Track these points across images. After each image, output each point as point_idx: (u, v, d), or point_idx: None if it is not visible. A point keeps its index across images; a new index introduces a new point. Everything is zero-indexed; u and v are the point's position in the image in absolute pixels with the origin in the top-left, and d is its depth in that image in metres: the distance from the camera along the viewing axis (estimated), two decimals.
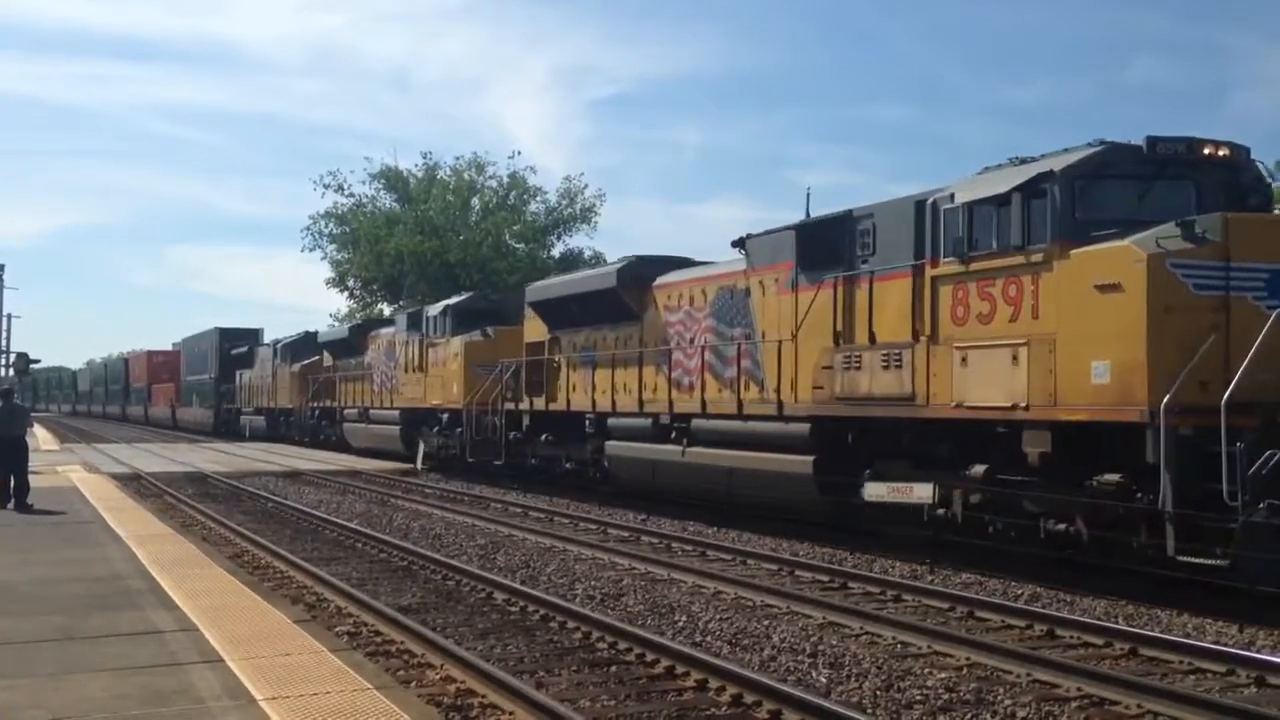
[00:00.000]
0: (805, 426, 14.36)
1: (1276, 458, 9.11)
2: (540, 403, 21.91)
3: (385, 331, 31.98)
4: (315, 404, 37.76)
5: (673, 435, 17.35)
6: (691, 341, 17.46)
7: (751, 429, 15.51)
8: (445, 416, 26.33)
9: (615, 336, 19.84)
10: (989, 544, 12.19)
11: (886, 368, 12.90)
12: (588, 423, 20.15)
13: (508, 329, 24.56)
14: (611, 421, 19.32)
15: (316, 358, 38.50)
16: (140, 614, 8.33)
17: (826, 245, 14.27)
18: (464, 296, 28.28)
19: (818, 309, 14.20)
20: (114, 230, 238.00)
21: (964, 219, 11.95)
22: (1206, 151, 11.26)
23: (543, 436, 22.03)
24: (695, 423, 16.89)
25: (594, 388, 20.10)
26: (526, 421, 22.55)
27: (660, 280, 18.76)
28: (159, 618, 8.18)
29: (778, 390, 14.95)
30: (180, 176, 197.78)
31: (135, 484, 23.13)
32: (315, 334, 41.01)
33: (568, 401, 21.03)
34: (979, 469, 11.89)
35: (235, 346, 50.05)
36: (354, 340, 34.40)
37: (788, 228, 15.24)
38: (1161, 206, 10.88)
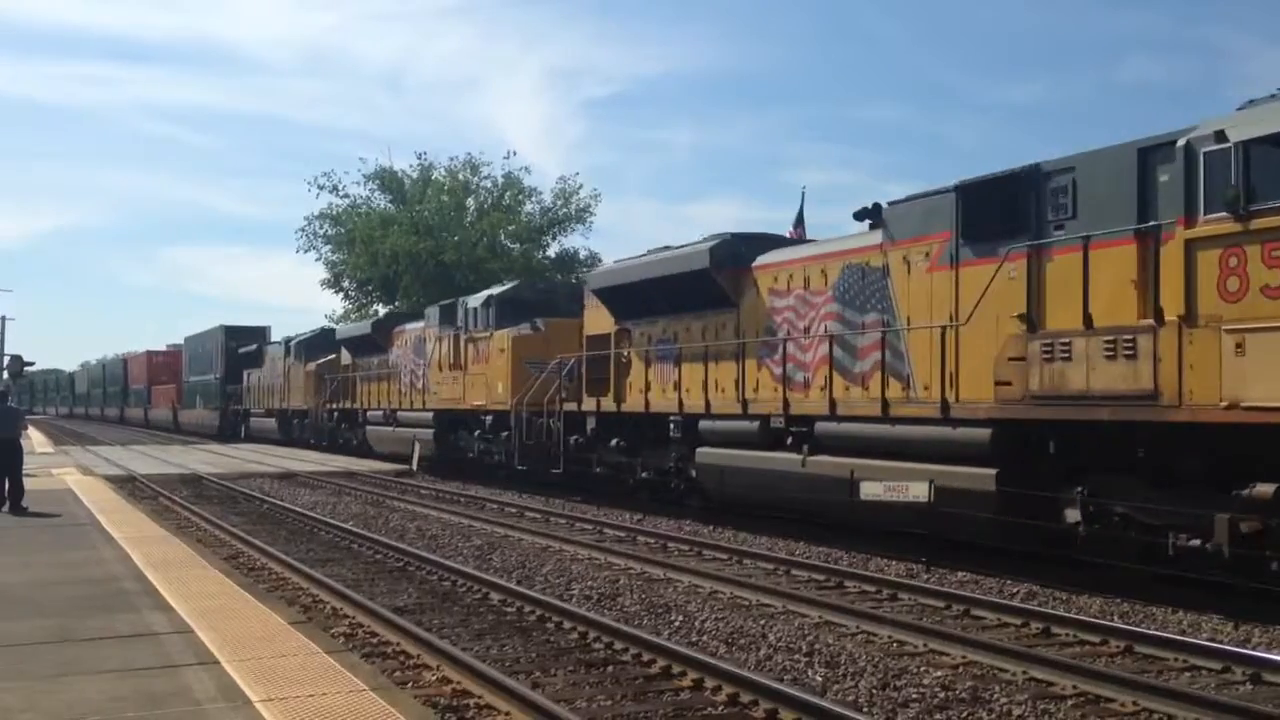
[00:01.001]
0: (984, 432, 11.79)
1: None
2: (609, 404, 19.43)
3: (412, 326, 29.50)
4: (333, 405, 35.13)
5: (789, 441, 14.78)
6: (807, 330, 15.03)
7: (902, 434, 12.89)
8: (489, 419, 23.85)
9: (704, 326, 17.29)
10: (985, 544, 12.21)
11: (1112, 357, 10.28)
12: (672, 426, 17.47)
13: (559, 321, 22.35)
14: (704, 425, 16.62)
15: (333, 356, 35.93)
16: (136, 616, 8.32)
17: (1003, 209, 11.86)
18: (508, 285, 25.64)
19: (997, 287, 11.67)
20: (109, 231, 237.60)
21: (1239, 163, 9.37)
22: None
23: (613, 442, 19.37)
24: (821, 426, 14.21)
25: (680, 386, 17.47)
26: (592, 425, 19.93)
27: (763, 260, 16.22)
28: (154, 620, 8.17)
29: (940, 387, 12.42)
30: (175, 177, 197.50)
31: (130, 486, 23.09)
32: (332, 330, 38.80)
33: (645, 402, 18.34)
34: (1264, 489, 9.17)
35: (242, 345, 47.63)
36: (377, 336, 31.68)
37: (943, 190, 12.79)
38: None
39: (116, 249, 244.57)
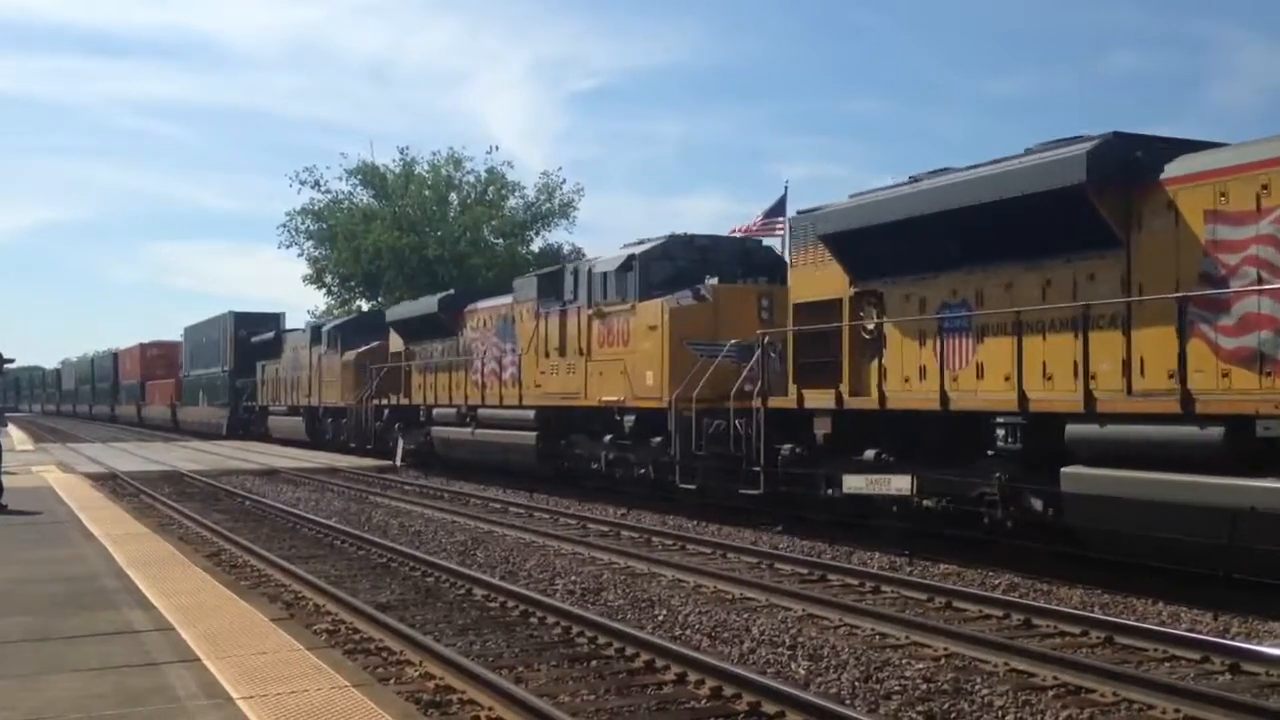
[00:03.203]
0: None
1: None
2: (858, 399, 13.60)
3: (489, 304, 24.39)
4: (381, 401, 29.29)
5: None
6: None
7: None
8: (630, 420, 18.23)
9: (1045, 279, 11.53)
10: (967, 535, 12.25)
11: None
12: (1001, 433, 11.58)
13: (731, 287, 17.55)
14: (1078, 430, 10.71)
15: (377, 343, 30.62)
16: (116, 613, 8.27)
17: None
18: (654, 242, 18.83)
19: None
20: (90, 227, 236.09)
21: None
22: None
23: (866, 453, 13.38)
24: None
25: (1016, 368, 11.41)
26: (825, 430, 14.27)
27: (1186, 167, 10.52)
28: (135, 617, 8.12)
29: None
30: (156, 172, 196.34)
31: (111, 483, 22.98)
32: (374, 313, 34.07)
33: (942, 396, 12.22)
34: None
35: (255, 333, 42.86)
36: (443, 317, 25.89)
37: None
38: None
39: (97, 245, 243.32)
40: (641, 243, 18.93)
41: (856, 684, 7.35)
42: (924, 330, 12.96)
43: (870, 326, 13.65)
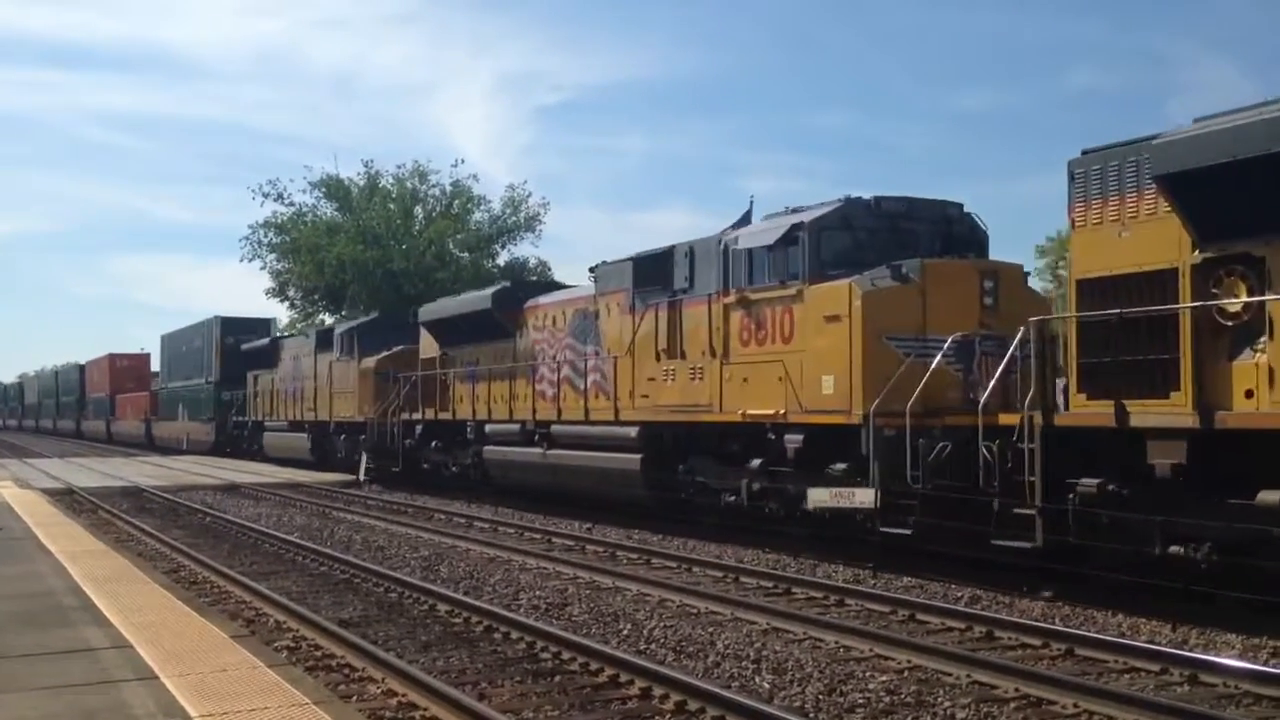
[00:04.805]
0: None
1: None
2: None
3: (558, 298, 20.69)
4: (412, 415, 24.84)
5: None
6: None
7: None
8: (794, 439, 13.78)
9: None
10: (932, 549, 12.31)
11: None
12: None
13: (945, 264, 13.48)
14: None
15: (402, 347, 26.55)
16: (72, 631, 8.15)
17: None
18: (829, 206, 14.30)
19: None
20: (51, 240, 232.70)
21: None
22: None
23: (1264, 496, 8.85)
24: None
25: None
26: (1175, 460, 9.54)
27: None
28: (92, 635, 8.01)
29: None
30: (119, 185, 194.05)
31: (69, 499, 22.66)
32: (396, 315, 29.98)
33: None
34: None
35: (245, 340, 39.13)
36: (497, 315, 21.68)
37: None
38: None
39: (57, 258, 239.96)
40: (799, 210, 14.52)
41: (820, 697, 7.37)
42: None
43: (1238, 307, 9.45)
